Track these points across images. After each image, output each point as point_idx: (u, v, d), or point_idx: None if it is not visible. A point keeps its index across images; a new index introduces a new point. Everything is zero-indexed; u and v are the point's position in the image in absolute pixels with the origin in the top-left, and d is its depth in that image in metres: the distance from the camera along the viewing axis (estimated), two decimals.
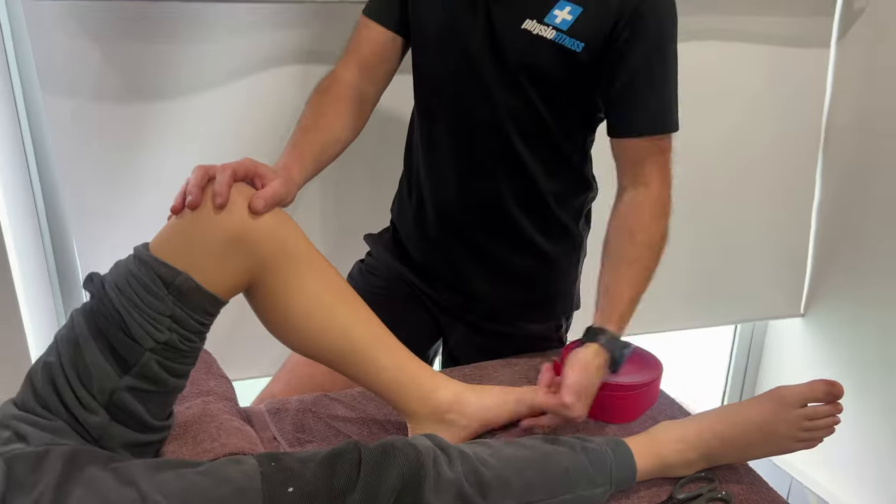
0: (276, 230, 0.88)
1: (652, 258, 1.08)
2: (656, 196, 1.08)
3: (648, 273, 1.08)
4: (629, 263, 1.07)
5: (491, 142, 1.12)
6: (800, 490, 1.99)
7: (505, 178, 1.14)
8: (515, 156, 1.12)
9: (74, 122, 1.39)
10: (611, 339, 1.04)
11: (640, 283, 1.07)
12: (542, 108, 1.08)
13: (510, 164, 1.13)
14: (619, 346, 1.04)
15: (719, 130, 1.80)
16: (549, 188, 1.16)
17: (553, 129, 1.11)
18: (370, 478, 0.78)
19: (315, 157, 1.05)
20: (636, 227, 1.08)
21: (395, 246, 1.32)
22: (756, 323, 2.16)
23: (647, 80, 1.05)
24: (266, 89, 1.47)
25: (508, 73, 1.06)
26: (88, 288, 0.85)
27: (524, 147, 1.12)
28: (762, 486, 0.97)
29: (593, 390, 1.02)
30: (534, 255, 1.22)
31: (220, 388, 1.03)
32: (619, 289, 1.06)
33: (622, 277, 1.07)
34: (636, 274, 1.07)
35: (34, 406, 0.81)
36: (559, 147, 1.13)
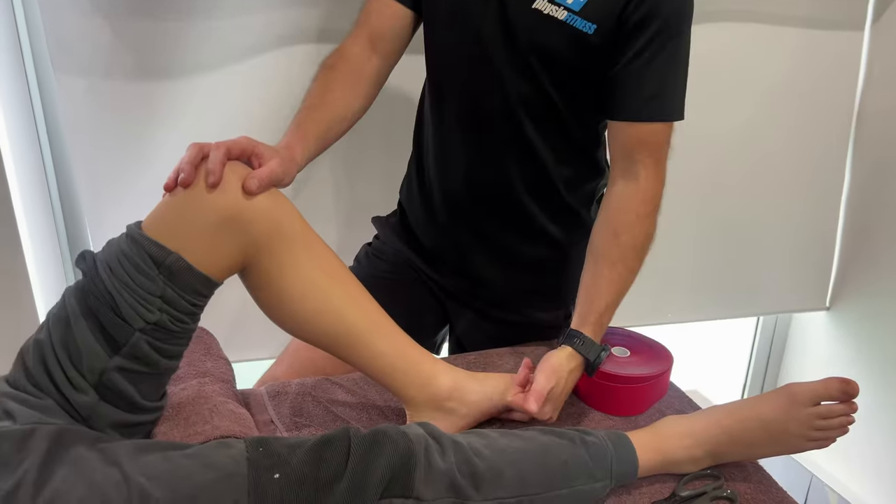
0: (270, 211, 0.86)
1: (635, 259, 1.05)
2: (645, 193, 1.04)
3: (631, 275, 1.05)
4: (611, 264, 1.04)
5: (501, 126, 1.09)
6: (820, 488, 1.94)
7: (515, 163, 1.11)
8: (526, 141, 1.09)
9: (86, 99, 1.38)
10: (586, 344, 1.01)
11: (620, 285, 1.04)
12: (553, 93, 1.05)
13: (520, 149, 1.10)
14: (595, 351, 1.02)
15: (744, 117, 1.74)
16: (560, 174, 1.13)
17: (565, 114, 1.07)
18: (358, 466, 0.76)
19: (319, 135, 1.03)
20: (621, 226, 1.04)
21: (403, 229, 1.29)
22: (779, 316, 2.11)
23: (649, 62, 1.00)
24: (279, 67, 1.45)
25: (519, 55, 1.03)
26: (80, 266, 0.84)
27: (535, 132, 1.08)
28: (771, 486, 0.93)
29: (564, 395, 1.01)
30: (543, 243, 1.19)
31: (218, 369, 1.02)
32: (599, 291, 1.03)
33: (602, 279, 1.04)
34: (617, 276, 1.03)
35: (25, 384, 0.80)
36: (571, 133, 1.10)
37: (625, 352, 1.12)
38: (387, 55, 1.13)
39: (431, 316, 1.30)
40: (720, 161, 1.77)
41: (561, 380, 0.99)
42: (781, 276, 1.93)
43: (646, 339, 1.16)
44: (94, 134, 1.41)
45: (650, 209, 1.04)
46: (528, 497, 0.83)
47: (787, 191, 1.86)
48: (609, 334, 1.16)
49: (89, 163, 1.42)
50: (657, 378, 1.07)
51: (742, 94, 1.72)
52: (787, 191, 1.86)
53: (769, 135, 1.78)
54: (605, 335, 1.15)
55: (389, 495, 0.76)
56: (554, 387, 0.98)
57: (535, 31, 1.01)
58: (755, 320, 2.16)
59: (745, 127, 1.76)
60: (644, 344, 1.15)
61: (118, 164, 1.43)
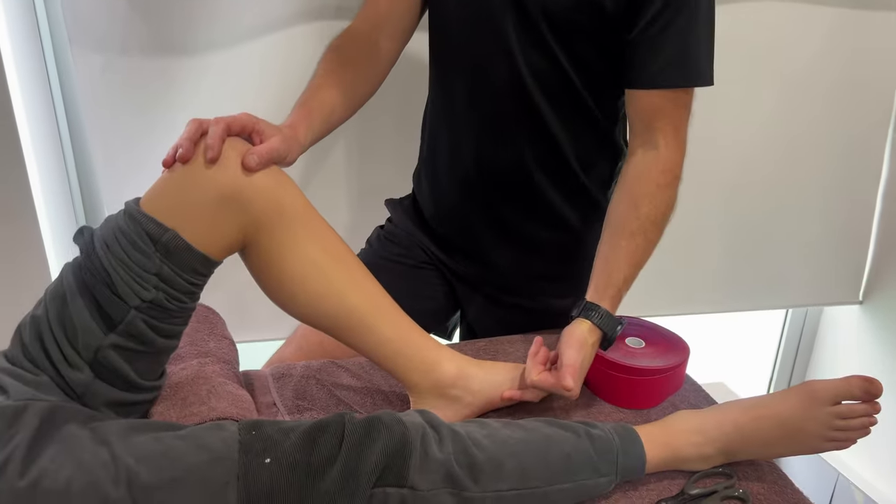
0: (270, 189, 0.84)
1: (655, 231, 1.00)
2: (666, 161, 0.99)
3: (650, 246, 1.00)
4: (630, 236, 0.99)
5: (512, 102, 1.05)
6: (846, 487, 1.88)
7: (527, 142, 1.07)
8: (539, 117, 1.05)
9: (103, 75, 1.38)
10: (604, 317, 0.97)
11: (639, 257, 0.99)
12: (566, 64, 1.01)
13: (533, 126, 1.06)
14: (613, 324, 0.97)
15: (776, 102, 1.68)
16: (575, 154, 1.09)
17: (579, 87, 1.03)
18: (351, 453, 0.74)
19: (325, 116, 1.00)
20: (641, 197, 0.99)
21: (416, 213, 1.27)
22: (809, 309, 2.04)
23: (665, 28, 0.95)
24: (298, 43, 1.43)
25: (529, 23, 0.99)
26: (78, 242, 0.83)
27: (548, 108, 1.04)
28: (786, 486, 0.89)
29: (586, 370, 0.96)
30: (557, 226, 1.15)
31: (221, 350, 1.01)
32: (617, 264, 0.99)
33: (621, 251, 0.99)
34: (636, 248, 0.99)
35: (22, 360, 0.80)
36: (586, 108, 1.05)
37: (639, 342, 1.08)
38: (395, 35, 1.09)
39: (442, 300, 1.27)
40: (751, 148, 1.70)
41: (587, 353, 0.95)
42: (812, 267, 1.87)
43: (662, 330, 1.12)
44: (111, 109, 1.40)
45: (670, 179, 1.00)
46: (529, 490, 0.80)
47: (821, 179, 1.78)
48: None
49: (106, 138, 1.42)
50: (672, 371, 1.03)
51: (773, 77, 1.65)
52: (821, 179, 1.78)
53: (802, 121, 1.70)
54: None
55: (383, 484, 0.74)
56: (582, 360, 0.94)
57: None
58: (784, 313, 2.09)
59: (778, 112, 1.69)
60: (660, 335, 1.11)
61: (135, 140, 1.43)
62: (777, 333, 2.12)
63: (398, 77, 1.16)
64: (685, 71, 0.97)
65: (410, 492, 0.75)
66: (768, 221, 1.80)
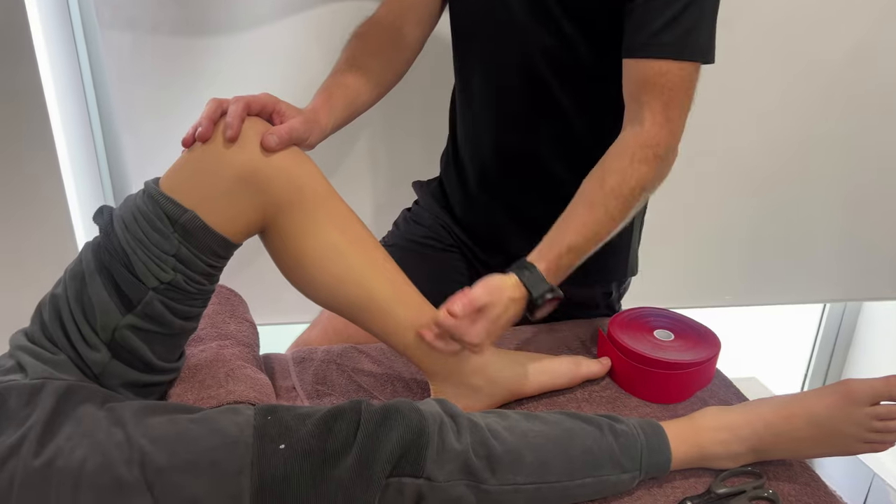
0: (289, 169, 0.83)
1: (619, 206, 0.91)
2: (648, 138, 0.91)
3: (611, 222, 0.92)
4: (589, 206, 0.92)
5: (526, 86, 1.02)
6: (881, 487, 1.83)
7: (544, 129, 1.05)
8: (553, 102, 1.02)
9: (131, 54, 1.38)
10: (534, 277, 0.89)
11: (594, 229, 0.91)
12: (580, 45, 0.97)
13: (548, 111, 1.03)
14: (540, 287, 0.89)
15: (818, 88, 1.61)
16: (592, 138, 1.05)
17: (594, 70, 0.99)
18: (367, 441, 0.73)
19: (347, 102, 0.98)
20: (611, 171, 0.92)
21: (442, 195, 1.25)
22: (847, 303, 1.97)
23: None
24: (324, 28, 1.41)
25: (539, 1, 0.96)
26: (97, 221, 0.82)
27: (562, 92, 1.01)
28: (819, 488, 0.86)
29: (500, 326, 0.89)
30: None
31: (241, 332, 1.00)
32: (566, 230, 0.92)
33: (575, 219, 0.92)
34: (592, 219, 0.91)
35: (41, 339, 0.80)
36: (604, 92, 1.01)
37: (669, 335, 1.05)
38: (420, 22, 1.07)
39: (467, 284, 1.25)
40: (790, 136, 1.64)
41: (499, 303, 0.87)
42: (851, 260, 1.80)
43: (693, 323, 1.08)
44: (139, 88, 1.40)
45: (648, 155, 0.91)
46: (548, 484, 0.78)
47: (863, 170, 1.71)
48: (654, 316, 1.09)
49: (134, 117, 1.42)
50: (701, 365, 1.00)
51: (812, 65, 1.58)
52: (863, 170, 1.71)
53: (845, 109, 1.64)
54: (649, 317, 1.09)
55: (399, 474, 0.73)
56: (489, 305, 0.86)
57: None
58: (821, 307, 2.03)
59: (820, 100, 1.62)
60: (690, 328, 1.07)
61: (162, 118, 1.43)
62: (813, 328, 2.07)
63: (427, 61, 1.14)
64: (676, 44, 0.90)
65: (427, 482, 0.73)
66: (807, 212, 1.74)
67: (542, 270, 0.90)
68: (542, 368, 0.97)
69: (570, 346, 1.10)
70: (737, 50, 1.47)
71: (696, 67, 0.92)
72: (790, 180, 1.69)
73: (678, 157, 1.10)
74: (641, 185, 0.92)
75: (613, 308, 1.22)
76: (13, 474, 0.67)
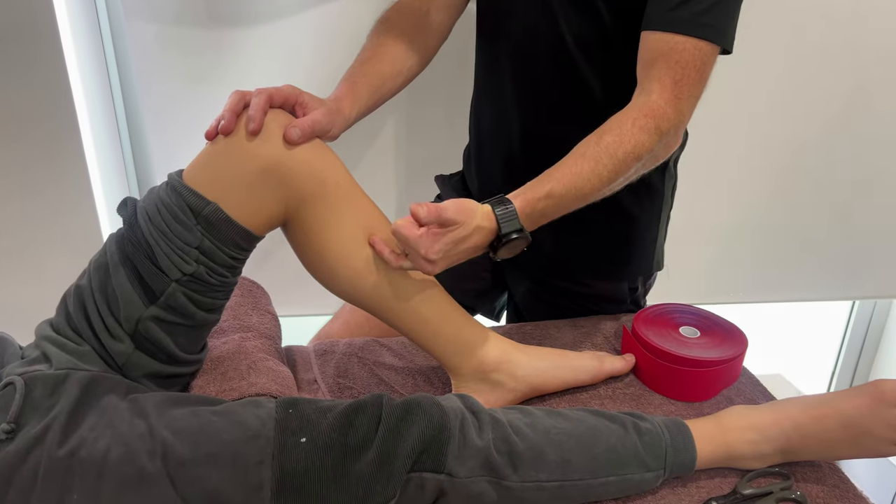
0: (312, 162, 0.82)
1: (609, 163, 0.86)
2: (653, 108, 0.88)
3: (596, 178, 0.87)
4: (580, 157, 0.87)
5: (557, 73, 1.00)
6: None
7: (574, 117, 1.03)
8: (585, 89, 1.00)
9: (156, 45, 1.38)
10: (507, 213, 0.85)
11: (579, 182, 0.86)
12: (610, 25, 0.95)
13: (579, 98, 1.01)
14: (512, 226, 0.85)
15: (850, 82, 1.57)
16: None
17: (628, 56, 0.97)
18: (388, 436, 0.72)
19: (372, 89, 0.97)
20: (610, 129, 0.88)
21: (464, 190, 1.24)
22: (878, 301, 1.93)
23: None
24: (349, 14, 1.41)
25: None
26: (121, 213, 0.83)
27: (594, 79, 0.99)
28: (848, 490, 0.84)
29: (460, 251, 0.84)
30: (606, 206, 1.09)
31: (263, 325, 1.00)
32: (551, 177, 0.87)
33: (563, 167, 0.88)
34: (578, 170, 0.86)
35: (66, 329, 0.80)
36: (629, 69, 0.99)
37: (695, 332, 1.03)
38: (446, 7, 1.06)
39: (490, 281, 1.24)
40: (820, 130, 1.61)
41: (466, 225, 0.82)
42: (883, 256, 1.76)
43: (719, 320, 1.06)
44: (164, 80, 1.41)
45: (650, 125, 0.87)
46: (571, 482, 0.77)
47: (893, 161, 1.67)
48: (679, 312, 1.08)
49: (159, 109, 1.43)
50: (728, 363, 0.98)
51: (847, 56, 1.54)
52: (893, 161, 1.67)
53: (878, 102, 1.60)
54: (674, 314, 1.07)
55: (420, 469, 0.72)
56: (455, 224, 0.81)
57: None
58: (850, 304, 1.99)
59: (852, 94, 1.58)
60: (717, 325, 1.05)
61: (188, 111, 1.44)
62: (842, 326, 2.03)
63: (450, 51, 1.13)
64: (695, 21, 0.87)
65: (448, 478, 0.73)
66: (836, 208, 1.70)
67: (517, 208, 0.86)
68: (565, 364, 0.96)
69: (594, 341, 1.09)
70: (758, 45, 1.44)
71: (711, 49, 0.88)
72: (818, 175, 1.65)
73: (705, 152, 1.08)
74: (637, 152, 0.87)
75: (639, 304, 1.20)
76: (38, 463, 0.68)
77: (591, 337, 1.10)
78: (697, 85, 0.89)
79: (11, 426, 0.69)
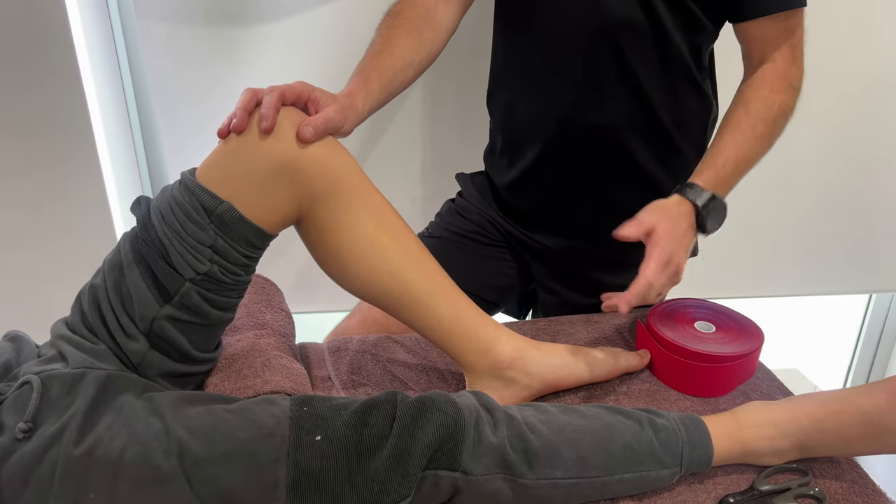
0: (326, 160, 0.82)
1: (764, 127, 0.98)
2: (782, 70, 1.00)
3: (758, 142, 0.98)
4: (737, 129, 0.98)
5: (599, 58, 1.01)
6: None
7: (616, 100, 1.04)
8: (629, 73, 1.01)
9: (168, 45, 1.39)
10: (695, 190, 0.94)
11: (745, 148, 0.97)
12: (660, 9, 0.97)
13: (622, 83, 1.02)
14: (704, 196, 0.94)
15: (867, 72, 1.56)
16: (668, 111, 1.05)
17: (673, 36, 0.99)
18: (403, 434, 0.72)
19: (384, 83, 0.97)
20: (752, 97, 0.99)
21: (489, 188, 1.24)
22: (895, 294, 1.91)
23: None
24: (360, 9, 1.41)
25: None
26: (135, 212, 0.83)
27: (640, 62, 1.01)
28: (867, 486, 0.83)
29: (681, 250, 0.90)
30: (648, 188, 1.09)
31: (277, 322, 1.00)
32: (718, 151, 0.97)
33: (726, 139, 0.98)
34: (742, 139, 0.97)
35: (81, 328, 0.81)
36: (679, 59, 1.02)
37: (710, 327, 1.02)
38: (454, 0, 1.05)
39: (515, 277, 1.24)
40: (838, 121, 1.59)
41: (674, 221, 0.90)
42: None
43: (735, 315, 1.05)
44: (176, 79, 1.42)
45: (785, 85, 0.99)
46: (587, 479, 0.77)
47: None
48: (694, 307, 1.07)
49: (171, 107, 1.43)
50: (743, 358, 0.97)
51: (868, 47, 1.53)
52: None
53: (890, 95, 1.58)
54: (689, 309, 1.06)
55: (435, 467, 0.72)
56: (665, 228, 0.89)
57: None
58: (867, 298, 1.97)
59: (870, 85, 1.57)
60: (732, 320, 1.04)
61: (200, 110, 1.44)
62: (858, 319, 2.01)
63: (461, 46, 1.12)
64: None
65: (463, 476, 0.73)
66: (852, 201, 1.68)
67: (701, 184, 0.95)
68: (580, 361, 0.95)
69: (608, 337, 1.08)
70: None
71: (801, 10, 1.00)
72: (833, 168, 1.64)
73: None
74: (783, 110, 0.99)
75: None
76: (55, 463, 0.68)
77: (605, 333, 1.10)
78: (802, 40, 1.02)
79: (29, 425, 0.69)
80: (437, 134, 1.53)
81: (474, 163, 1.32)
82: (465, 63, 1.32)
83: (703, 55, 1.06)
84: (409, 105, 1.48)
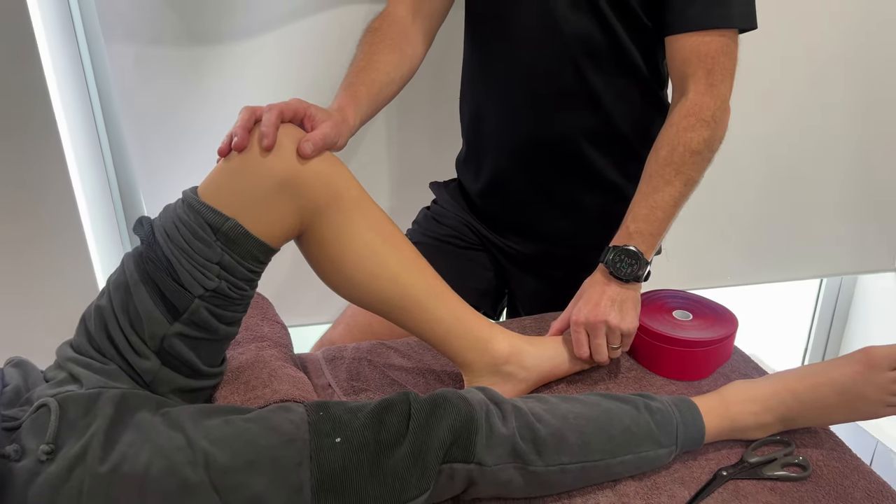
0: (326, 175, 0.85)
1: (673, 172, 0.98)
2: (690, 106, 0.98)
3: (668, 187, 0.98)
4: (648, 178, 1.00)
5: (559, 74, 1.05)
6: (885, 455, 1.88)
7: (576, 110, 1.08)
8: (587, 85, 1.06)
9: (136, 67, 1.39)
10: (605, 252, 1.01)
11: (658, 195, 0.98)
12: (614, 22, 1.01)
13: (581, 94, 1.07)
14: (610, 255, 1.00)
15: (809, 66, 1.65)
16: (625, 120, 1.09)
17: (628, 47, 1.03)
18: (419, 431, 0.75)
19: (371, 97, 1.00)
20: (660, 142, 1.00)
21: (462, 195, 1.28)
22: (843, 277, 2.02)
23: None
24: (329, 30, 1.43)
25: None
26: (138, 232, 0.84)
27: (596, 74, 1.05)
28: (844, 452, 0.90)
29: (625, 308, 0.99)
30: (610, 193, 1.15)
31: (275, 334, 1.02)
32: (632, 203, 1.01)
33: (640, 190, 1.01)
34: (652, 188, 0.99)
35: (88, 349, 0.81)
36: (635, 70, 1.06)
37: (687, 315, 1.08)
38: (431, 15, 1.10)
39: (492, 280, 1.28)
40: (783, 113, 1.69)
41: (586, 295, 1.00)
42: (846, 235, 1.85)
43: (709, 303, 1.12)
44: (146, 101, 1.41)
45: (692, 122, 0.98)
46: (592, 463, 0.81)
47: (854, 145, 1.76)
48: (671, 297, 1.13)
49: (142, 130, 1.43)
50: (721, 342, 1.03)
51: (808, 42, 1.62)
52: (854, 145, 1.76)
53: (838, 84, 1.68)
54: (666, 299, 1.12)
55: (451, 460, 0.76)
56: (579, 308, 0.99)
57: None
58: (818, 282, 2.08)
59: (812, 77, 1.67)
60: (707, 307, 1.11)
61: (170, 131, 1.44)
62: (811, 303, 2.11)
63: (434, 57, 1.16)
64: (714, 12, 0.96)
65: (477, 467, 0.76)
66: (800, 189, 1.78)
67: (611, 244, 1.01)
68: (568, 351, 1.00)
69: None
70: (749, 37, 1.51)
71: (735, 33, 0.98)
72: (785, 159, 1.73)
73: None
74: (690, 149, 0.97)
75: None
76: (81, 482, 0.69)
77: None
78: (729, 66, 0.99)
79: (51, 447, 0.70)
80: (408, 145, 1.56)
81: (445, 173, 1.35)
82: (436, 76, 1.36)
83: (662, 66, 1.10)
84: (380, 118, 1.51)
